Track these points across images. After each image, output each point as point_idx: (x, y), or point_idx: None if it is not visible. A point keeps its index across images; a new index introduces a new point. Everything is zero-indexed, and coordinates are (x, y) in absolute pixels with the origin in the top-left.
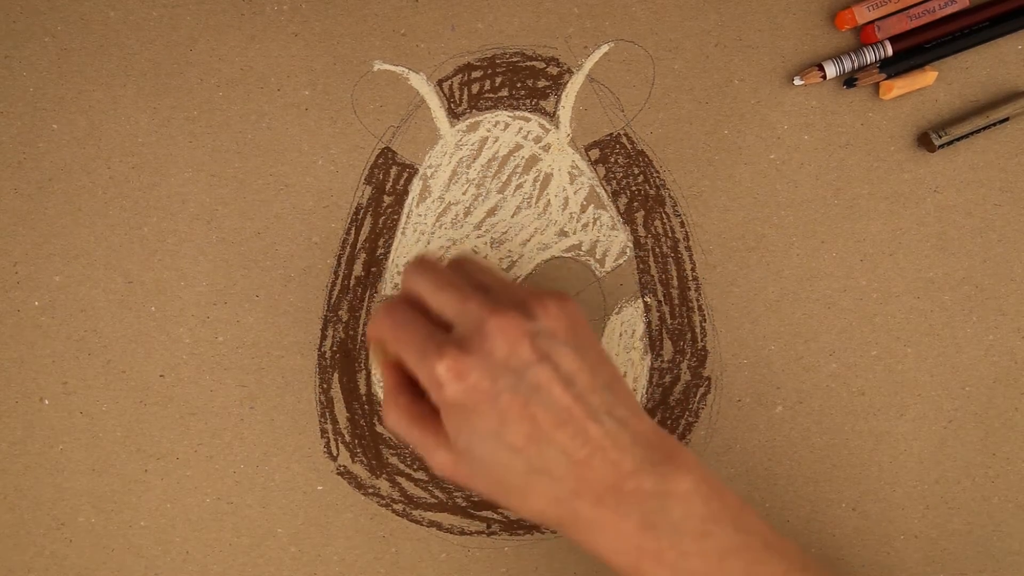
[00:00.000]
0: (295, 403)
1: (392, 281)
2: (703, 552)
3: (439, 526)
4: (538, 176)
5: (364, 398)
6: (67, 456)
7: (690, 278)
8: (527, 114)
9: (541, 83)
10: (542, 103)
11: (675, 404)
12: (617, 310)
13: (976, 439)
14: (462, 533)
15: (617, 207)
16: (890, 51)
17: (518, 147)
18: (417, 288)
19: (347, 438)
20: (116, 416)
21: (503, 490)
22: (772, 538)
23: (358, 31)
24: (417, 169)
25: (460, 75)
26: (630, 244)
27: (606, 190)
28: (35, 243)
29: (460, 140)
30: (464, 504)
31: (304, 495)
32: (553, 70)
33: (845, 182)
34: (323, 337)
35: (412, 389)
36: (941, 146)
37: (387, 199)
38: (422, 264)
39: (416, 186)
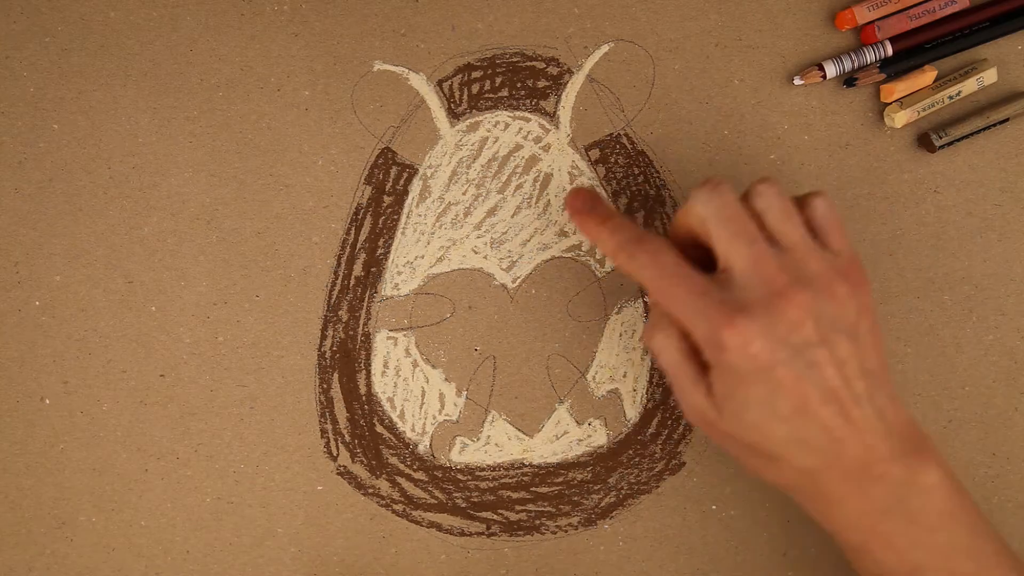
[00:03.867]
0: (295, 403)
1: (392, 281)
2: (933, 545)
3: (439, 527)
4: (538, 176)
5: (364, 398)
6: (68, 456)
7: None
8: (527, 114)
9: (541, 83)
10: (542, 103)
11: (675, 404)
12: (617, 310)
13: (976, 439)
14: (462, 534)
15: (617, 207)
16: (890, 51)
17: (518, 147)
18: (706, 218)
19: (347, 438)
20: (116, 416)
21: (756, 453)
22: (1003, 549)
23: (358, 31)
24: (417, 169)
25: (460, 75)
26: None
27: (606, 190)
28: (35, 243)
29: (460, 140)
30: (464, 505)
31: (304, 495)
32: (553, 70)
33: (845, 182)
34: (323, 337)
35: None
36: (941, 146)
37: (387, 199)
38: (719, 191)
39: (416, 186)
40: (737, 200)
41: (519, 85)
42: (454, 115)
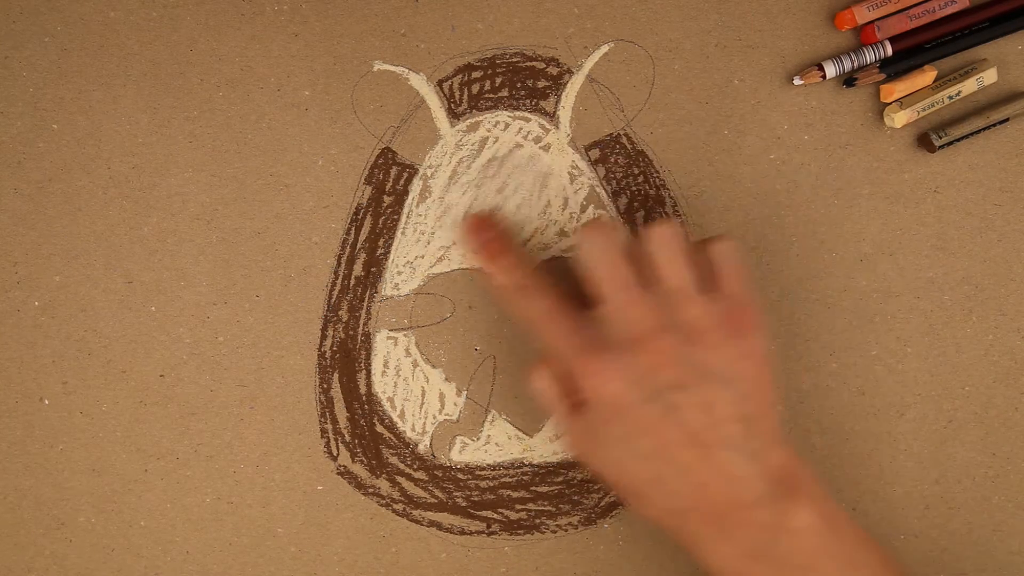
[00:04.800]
0: (295, 403)
1: (392, 281)
2: None
3: (439, 526)
4: (538, 176)
5: (364, 398)
6: (67, 456)
7: None
8: (527, 114)
9: (541, 83)
10: (542, 103)
11: None
12: None
13: (976, 439)
14: (462, 533)
15: (617, 207)
16: (890, 51)
17: (518, 147)
18: (586, 259)
19: (347, 438)
20: (116, 416)
21: (623, 489)
22: (884, 571)
23: (358, 31)
24: (417, 169)
25: (460, 75)
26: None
27: (606, 190)
28: (35, 243)
29: (460, 140)
30: (464, 504)
31: (304, 495)
32: (553, 70)
33: (845, 182)
34: (323, 337)
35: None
36: (941, 146)
37: (387, 199)
38: (599, 234)
39: (416, 186)
40: (616, 242)
41: (519, 85)
42: (454, 115)
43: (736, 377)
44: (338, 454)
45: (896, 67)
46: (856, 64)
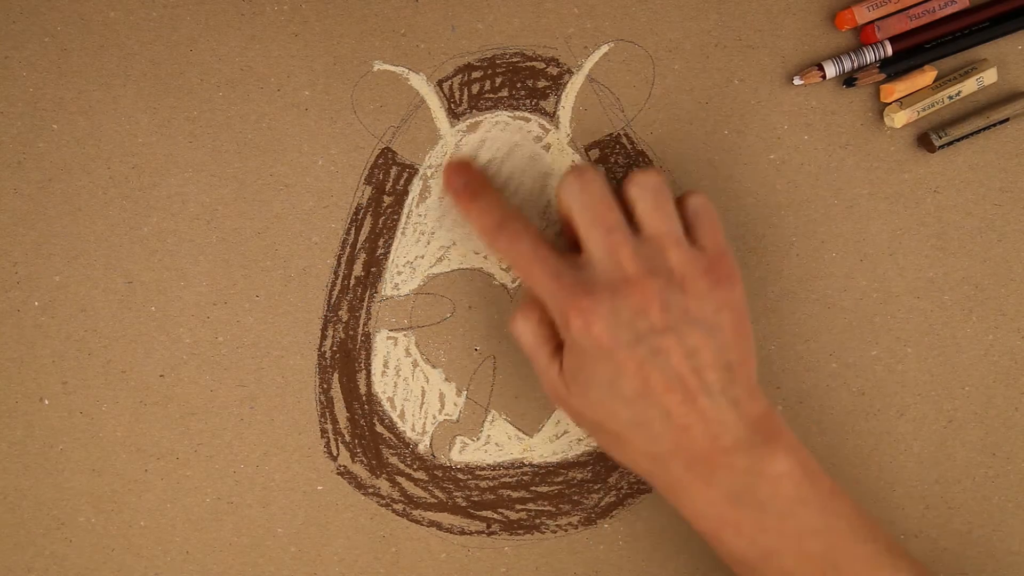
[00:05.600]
0: (295, 403)
1: (392, 281)
2: (782, 530)
3: (439, 526)
4: (538, 176)
5: (364, 398)
6: (67, 456)
7: None
8: (527, 114)
9: (541, 83)
10: (542, 103)
11: None
12: None
13: (976, 439)
14: (462, 533)
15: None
16: (890, 51)
17: (518, 147)
18: (570, 205)
19: (347, 438)
20: (116, 416)
21: (603, 433)
22: (859, 523)
23: (358, 31)
24: (417, 169)
25: (460, 75)
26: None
27: None
28: (35, 243)
29: (460, 140)
30: (464, 504)
31: (304, 495)
32: (553, 70)
33: (845, 182)
34: (323, 337)
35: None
36: (941, 146)
37: (387, 199)
38: (584, 180)
39: (416, 186)
40: (602, 187)
41: (519, 85)
42: (454, 115)
43: (718, 326)
44: (338, 454)
45: (896, 67)
46: (856, 64)
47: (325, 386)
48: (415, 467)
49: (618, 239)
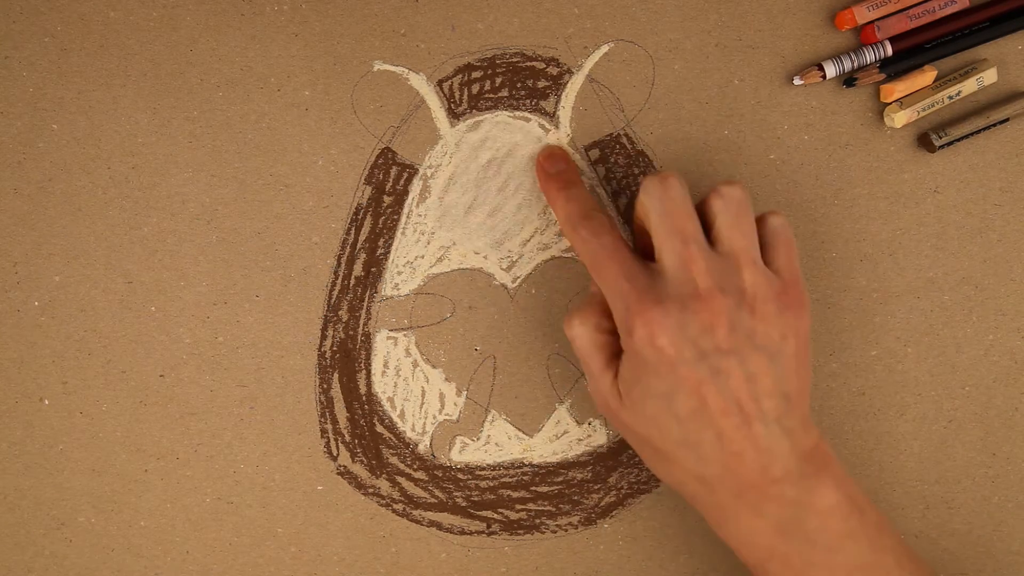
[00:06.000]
0: (295, 403)
1: (392, 281)
2: (831, 565)
3: (439, 526)
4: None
5: (364, 398)
6: (67, 456)
7: None
8: (527, 114)
9: (541, 83)
10: (542, 103)
11: None
12: None
13: (976, 439)
14: (462, 533)
15: (617, 207)
16: (890, 51)
17: (518, 147)
18: (648, 211)
19: (347, 438)
20: (116, 416)
21: (650, 449)
22: (905, 559)
23: (358, 31)
24: (417, 169)
25: (460, 75)
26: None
27: (606, 190)
28: (35, 243)
29: (460, 140)
30: (464, 504)
31: (304, 495)
32: (553, 70)
33: (845, 182)
34: (323, 337)
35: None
36: (941, 146)
37: (387, 199)
38: (665, 185)
39: (416, 186)
40: (683, 195)
41: (519, 85)
42: (454, 115)
43: (781, 353)
44: (338, 454)
45: (896, 67)
46: (856, 64)
47: (325, 386)
48: (415, 467)
49: (693, 252)
